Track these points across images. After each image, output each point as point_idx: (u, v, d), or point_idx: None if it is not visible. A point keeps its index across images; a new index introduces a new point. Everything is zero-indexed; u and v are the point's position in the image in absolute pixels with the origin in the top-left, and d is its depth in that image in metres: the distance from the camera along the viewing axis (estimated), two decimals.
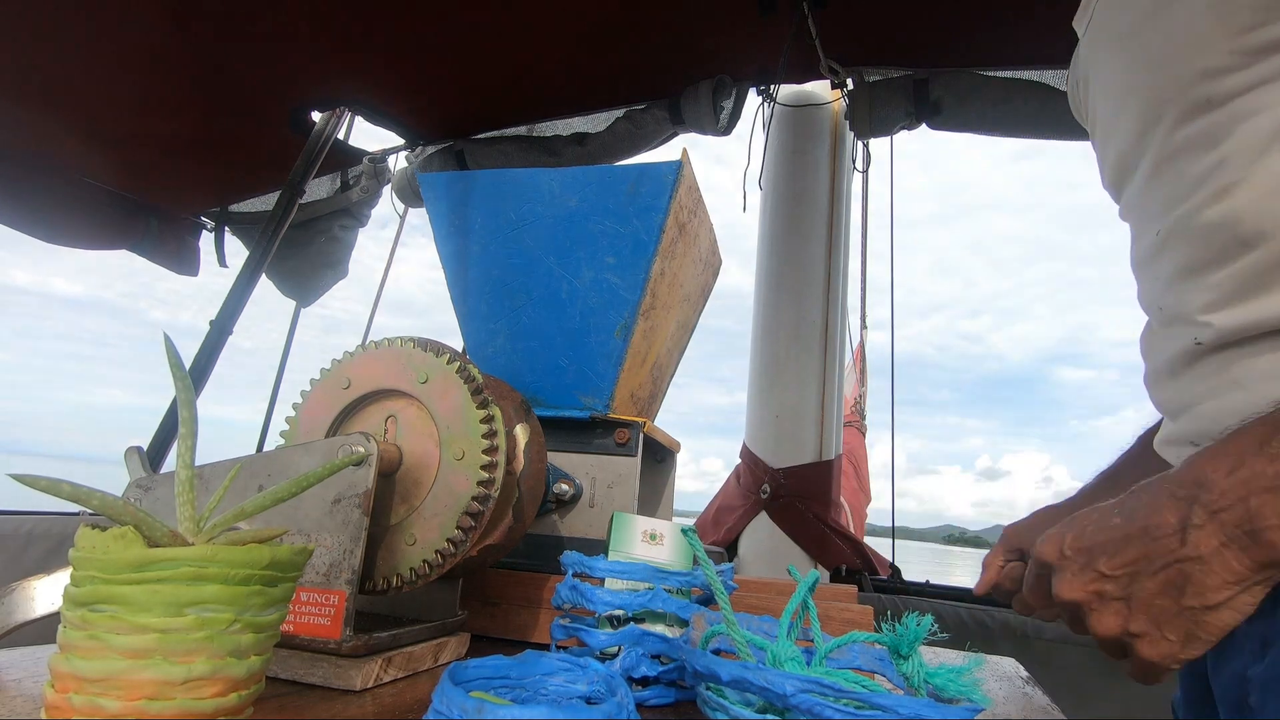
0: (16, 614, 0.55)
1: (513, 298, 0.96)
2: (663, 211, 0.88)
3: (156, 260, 2.64)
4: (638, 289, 0.90)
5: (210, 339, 1.93)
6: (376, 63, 1.93)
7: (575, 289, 0.93)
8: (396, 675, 0.59)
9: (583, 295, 0.92)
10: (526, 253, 0.95)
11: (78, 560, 0.38)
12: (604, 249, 0.91)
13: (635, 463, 0.89)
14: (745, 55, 1.86)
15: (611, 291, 0.91)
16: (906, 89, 1.80)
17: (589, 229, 0.91)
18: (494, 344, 0.97)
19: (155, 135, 2.17)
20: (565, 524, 0.91)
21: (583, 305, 0.92)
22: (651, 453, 1.03)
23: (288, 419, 0.70)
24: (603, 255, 0.91)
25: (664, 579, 0.62)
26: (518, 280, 0.96)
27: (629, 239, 0.89)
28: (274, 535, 0.42)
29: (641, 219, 0.89)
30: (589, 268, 0.92)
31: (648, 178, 0.88)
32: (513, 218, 0.95)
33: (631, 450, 0.89)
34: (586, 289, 0.92)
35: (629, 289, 0.90)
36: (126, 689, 0.36)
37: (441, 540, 0.62)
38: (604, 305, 0.91)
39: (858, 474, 2.90)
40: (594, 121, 2.14)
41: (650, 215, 0.88)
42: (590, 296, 0.92)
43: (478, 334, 0.99)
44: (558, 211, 0.93)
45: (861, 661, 0.58)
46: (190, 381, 0.43)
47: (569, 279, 0.93)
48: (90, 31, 1.72)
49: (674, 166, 0.87)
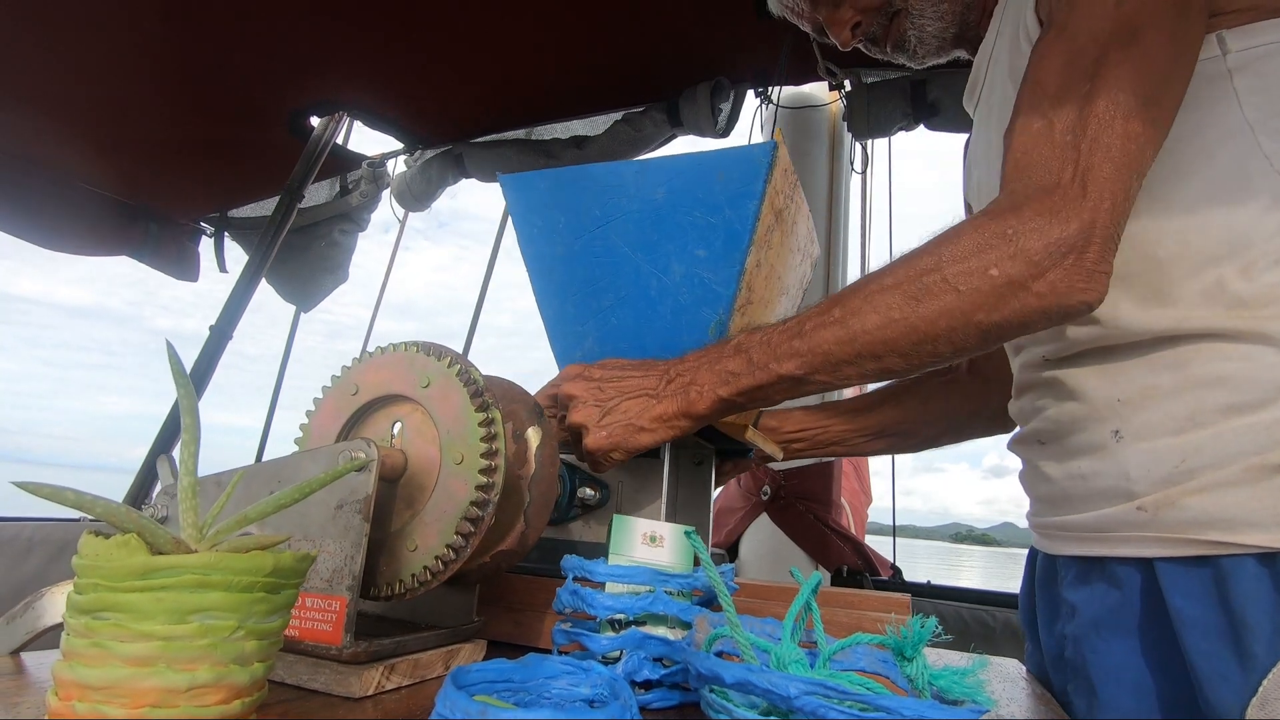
0: (45, 618, 0.56)
1: (600, 298, 0.90)
2: (757, 198, 0.81)
3: (156, 266, 2.64)
4: (732, 283, 0.83)
5: (210, 344, 1.93)
6: (375, 67, 1.93)
7: (665, 286, 0.87)
8: (401, 682, 0.59)
9: (673, 292, 0.86)
10: (613, 250, 0.89)
11: (81, 568, 0.38)
12: (694, 241, 0.85)
13: (663, 465, 0.86)
14: (743, 57, 1.87)
15: (704, 287, 0.85)
16: (904, 90, 1.81)
17: (677, 221, 0.85)
18: (583, 347, 0.92)
19: (154, 141, 2.17)
20: (592, 529, 0.89)
21: (674, 303, 0.87)
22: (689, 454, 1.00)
23: (301, 426, 0.71)
24: (693, 248, 0.85)
25: (665, 581, 0.62)
26: (605, 279, 0.90)
27: (721, 230, 0.83)
28: (277, 542, 0.42)
29: (734, 207, 0.82)
30: (679, 262, 0.86)
31: (739, 162, 0.81)
32: (596, 214, 0.89)
33: (658, 452, 0.86)
34: (677, 285, 0.86)
35: (723, 283, 0.83)
36: (130, 696, 0.36)
37: (441, 546, 0.62)
38: (696, 302, 0.85)
39: (858, 474, 2.90)
40: (592, 124, 2.14)
41: (743, 203, 0.81)
42: (681, 293, 0.86)
43: (565, 338, 0.94)
44: (643, 205, 0.87)
45: (865, 664, 0.58)
46: (192, 388, 0.43)
47: (658, 275, 0.87)
48: (88, 38, 1.72)
49: (768, 149, 0.80)
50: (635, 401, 0.74)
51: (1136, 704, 0.65)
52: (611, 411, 0.74)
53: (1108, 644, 0.68)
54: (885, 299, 0.63)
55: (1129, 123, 0.60)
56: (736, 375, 0.71)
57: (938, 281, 0.61)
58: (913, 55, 0.90)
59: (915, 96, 1.80)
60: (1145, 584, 0.65)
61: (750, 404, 0.73)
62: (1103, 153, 0.59)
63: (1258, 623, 0.57)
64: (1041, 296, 0.60)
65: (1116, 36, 0.62)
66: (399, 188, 2.41)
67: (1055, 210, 0.59)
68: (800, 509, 1.87)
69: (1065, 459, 0.72)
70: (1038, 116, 0.63)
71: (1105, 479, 0.68)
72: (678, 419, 0.73)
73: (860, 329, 0.64)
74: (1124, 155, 0.59)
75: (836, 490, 1.94)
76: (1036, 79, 0.65)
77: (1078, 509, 0.71)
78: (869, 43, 0.91)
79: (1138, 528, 0.64)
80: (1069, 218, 0.59)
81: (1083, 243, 0.59)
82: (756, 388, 0.70)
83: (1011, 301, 0.60)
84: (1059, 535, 0.74)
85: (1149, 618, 0.65)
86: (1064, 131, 0.61)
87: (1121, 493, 0.66)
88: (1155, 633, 0.64)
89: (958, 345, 0.63)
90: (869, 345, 0.64)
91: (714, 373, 0.72)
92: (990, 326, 0.61)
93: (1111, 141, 0.59)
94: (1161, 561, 0.63)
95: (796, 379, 0.68)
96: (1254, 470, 0.60)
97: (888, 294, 0.63)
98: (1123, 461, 0.66)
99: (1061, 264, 0.59)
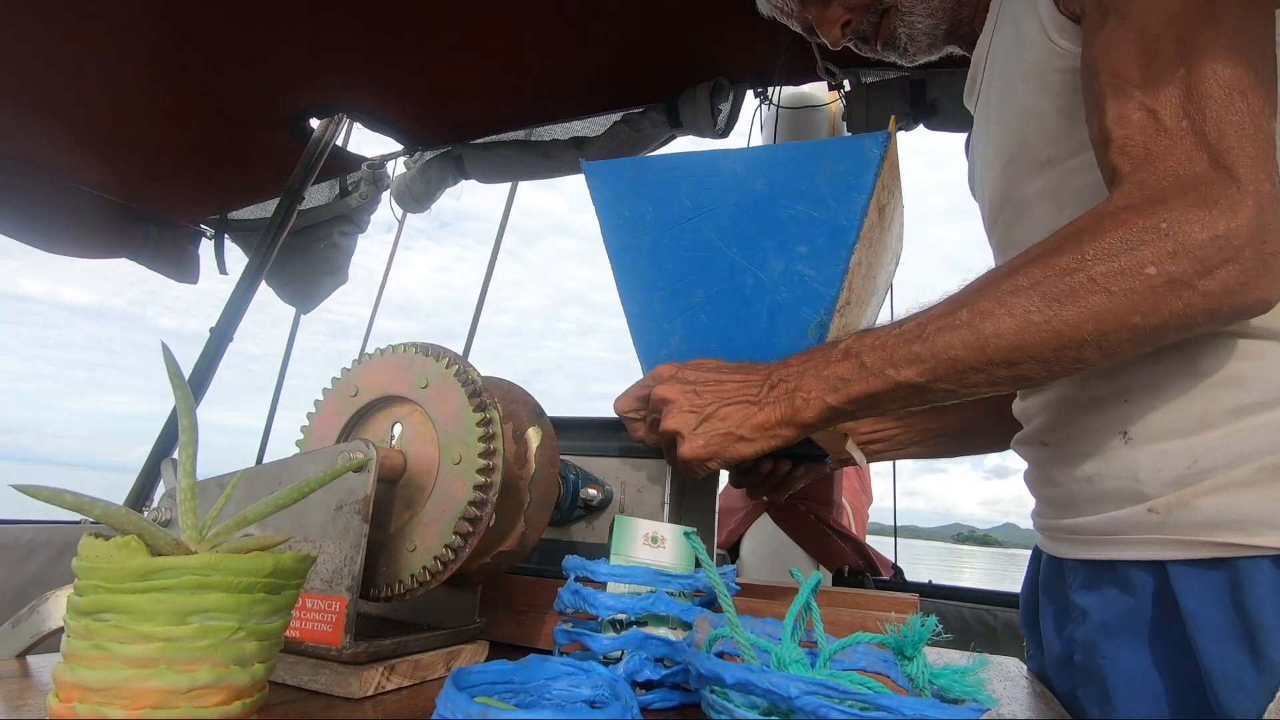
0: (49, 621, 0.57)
1: (689, 294, 0.85)
2: (866, 192, 0.76)
3: (156, 268, 2.65)
4: (835, 282, 0.78)
5: (210, 346, 1.93)
6: (374, 69, 1.93)
7: (762, 283, 0.82)
8: (402, 683, 0.59)
9: (770, 290, 0.81)
10: (705, 244, 0.84)
11: (81, 570, 0.38)
12: (795, 237, 0.79)
13: (665, 466, 0.86)
14: (742, 57, 1.87)
15: (804, 285, 0.79)
16: (903, 90, 1.81)
17: (778, 215, 0.80)
18: (668, 345, 0.87)
19: (153, 143, 2.17)
20: (596, 529, 0.89)
21: (770, 301, 0.82)
22: None
23: (302, 428, 0.71)
24: (793, 244, 0.79)
25: (666, 582, 0.62)
26: (695, 275, 0.85)
27: (825, 225, 0.77)
28: (277, 543, 0.42)
29: (840, 201, 0.77)
30: (778, 258, 0.80)
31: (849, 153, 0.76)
32: (688, 205, 0.84)
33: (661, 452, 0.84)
34: (775, 282, 0.81)
35: (825, 282, 0.78)
36: (131, 698, 0.36)
37: (440, 546, 0.62)
38: (795, 301, 0.80)
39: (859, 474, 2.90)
40: (592, 125, 2.14)
41: (851, 197, 0.76)
42: (779, 291, 0.81)
43: (649, 335, 0.89)
44: (741, 197, 0.81)
45: (866, 663, 0.58)
46: (189, 391, 0.43)
47: (754, 271, 0.82)
48: (88, 40, 1.72)
49: (880, 140, 0.75)
50: (735, 408, 0.70)
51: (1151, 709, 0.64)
52: (709, 419, 0.70)
53: (1120, 649, 0.66)
54: (1022, 301, 0.58)
55: (1249, 98, 0.55)
56: (847, 381, 0.66)
57: (1083, 282, 0.56)
58: (904, 53, 0.88)
59: (914, 96, 1.80)
60: (1157, 587, 0.64)
61: (860, 412, 0.68)
62: (1234, 132, 0.55)
63: (1274, 626, 0.57)
64: (1210, 296, 0.54)
65: (1194, 15, 0.57)
66: (399, 189, 2.41)
67: (1212, 200, 0.53)
68: (801, 509, 1.87)
69: (1071, 461, 0.71)
70: (1133, 106, 0.58)
71: (1114, 481, 0.66)
72: (780, 427, 0.68)
73: (992, 333, 0.59)
74: (1258, 131, 0.55)
75: (837, 490, 1.94)
76: (1114, 70, 0.60)
77: (1085, 511, 0.70)
78: (859, 41, 0.89)
79: (1149, 530, 0.63)
80: (1233, 207, 0.53)
81: (1258, 233, 0.53)
82: (870, 395, 0.65)
83: (1173, 302, 0.54)
84: (1066, 538, 0.73)
85: (1161, 621, 0.64)
86: (1174, 118, 0.56)
87: (1131, 494, 0.65)
88: (1168, 637, 0.63)
89: (1107, 350, 0.57)
90: (1002, 351, 0.59)
91: (822, 378, 0.67)
92: (1146, 330, 0.56)
93: (1240, 120, 0.55)
94: (1174, 564, 0.62)
95: (916, 387, 0.63)
96: (1268, 470, 0.59)
97: (1024, 295, 0.58)
98: (1132, 463, 0.65)
99: (1236, 259, 0.53)
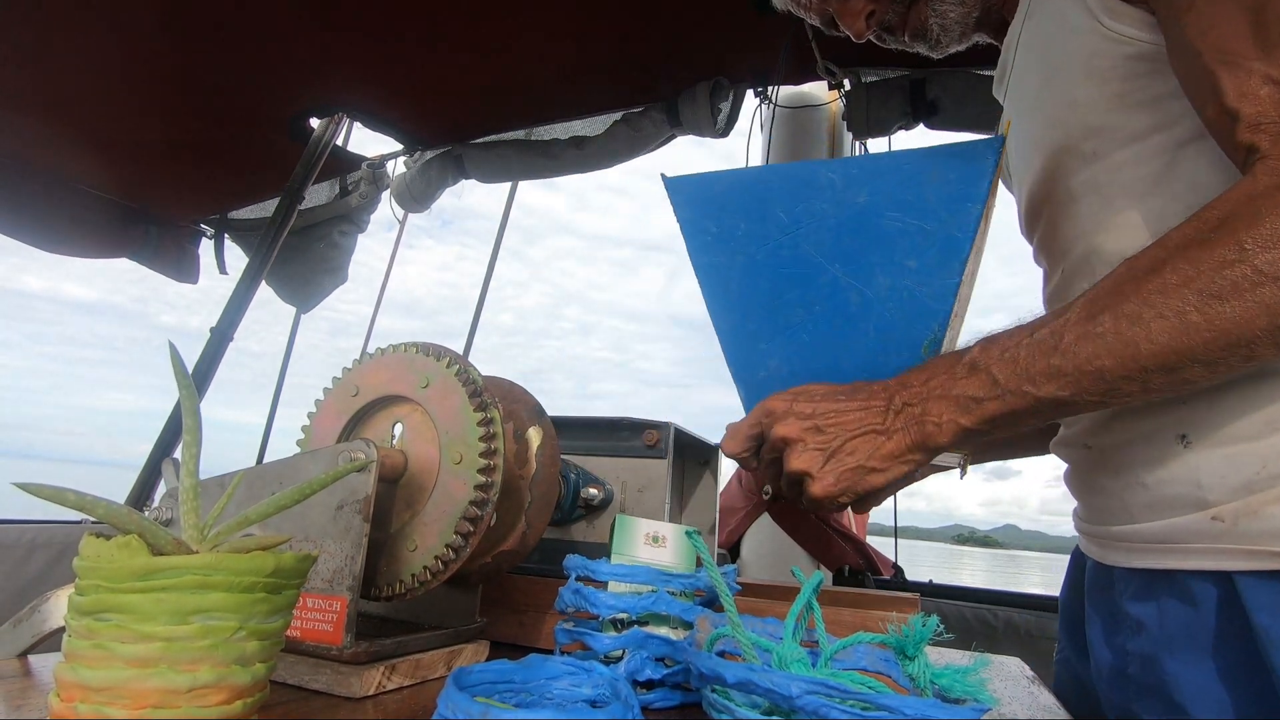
0: (51, 621, 0.57)
1: (787, 313, 0.80)
2: (981, 202, 0.71)
3: (156, 268, 2.65)
4: (949, 297, 0.73)
5: (210, 346, 1.93)
6: (374, 69, 1.93)
7: (868, 300, 0.77)
8: (403, 683, 0.59)
9: (878, 307, 0.77)
10: (803, 260, 0.79)
11: (82, 569, 0.38)
12: (904, 251, 0.74)
13: (665, 465, 0.86)
14: (742, 57, 1.87)
15: (915, 302, 0.75)
16: (903, 89, 1.81)
17: (883, 228, 0.75)
18: (767, 367, 0.82)
19: (153, 142, 2.17)
20: (596, 529, 0.89)
21: (879, 319, 0.77)
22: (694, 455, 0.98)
23: (303, 428, 0.71)
24: (902, 259, 0.75)
25: (667, 581, 0.62)
26: (793, 293, 0.80)
27: (937, 237, 0.73)
28: (278, 543, 0.42)
29: (953, 212, 0.72)
30: (884, 274, 0.76)
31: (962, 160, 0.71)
32: (783, 220, 0.79)
33: (661, 452, 0.85)
34: (882, 300, 0.76)
35: (937, 298, 0.73)
36: (132, 698, 0.36)
37: (441, 546, 0.62)
38: (906, 318, 0.75)
39: None
40: (592, 125, 2.14)
41: (965, 207, 0.71)
42: (888, 308, 0.76)
43: (744, 356, 0.84)
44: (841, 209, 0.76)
45: (867, 663, 0.58)
46: (194, 390, 0.43)
47: (859, 289, 0.77)
48: (88, 40, 1.72)
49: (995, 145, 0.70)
50: (862, 440, 0.66)
51: None
52: (836, 454, 0.66)
53: (1185, 664, 0.62)
54: (1174, 301, 0.53)
55: None
56: (979, 401, 0.61)
57: (1247, 274, 0.51)
58: (935, 44, 0.83)
59: (914, 96, 1.80)
60: (1222, 598, 0.60)
61: (994, 432, 0.63)
62: None
63: None
64: None
65: None
66: (399, 189, 2.41)
67: None
68: (802, 508, 1.87)
69: (1121, 465, 0.67)
70: (1257, 81, 0.54)
71: (1172, 487, 0.63)
72: (911, 454, 0.64)
73: (1144, 338, 0.54)
74: None
75: None
76: (1221, 48, 0.56)
77: (1139, 518, 0.66)
78: (883, 32, 0.85)
79: (1214, 539, 0.59)
80: None
81: None
82: (1007, 414, 0.60)
83: None
84: (1117, 545, 0.69)
85: (1229, 635, 0.60)
86: None
87: (1193, 501, 0.61)
88: (1238, 651, 0.59)
89: None
90: (1159, 357, 0.54)
91: (950, 399, 0.62)
92: None
93: None
94: (1243, 575, 0.58)
95: (1059, 402, 0.58)
96: None
97: (1176, 294, 0.53)
98: (1193, 468, 0.61)
99: None
